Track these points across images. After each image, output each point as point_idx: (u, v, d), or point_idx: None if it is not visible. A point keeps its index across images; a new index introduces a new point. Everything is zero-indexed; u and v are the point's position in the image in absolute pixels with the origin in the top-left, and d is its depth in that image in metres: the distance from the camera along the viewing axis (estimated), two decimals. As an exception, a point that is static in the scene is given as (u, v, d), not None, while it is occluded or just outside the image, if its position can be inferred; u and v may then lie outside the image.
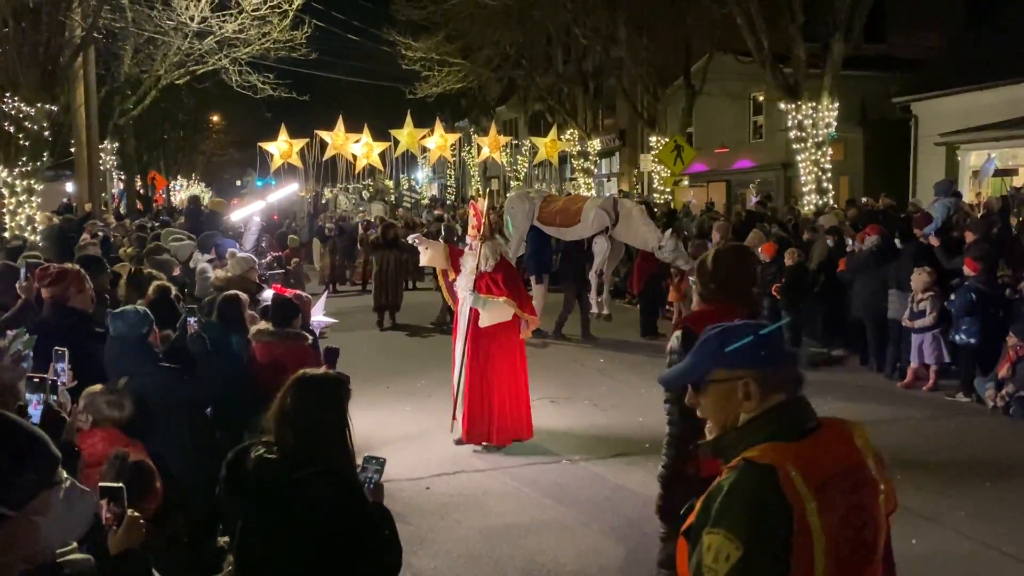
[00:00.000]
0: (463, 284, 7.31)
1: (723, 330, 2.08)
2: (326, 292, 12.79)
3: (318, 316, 8.11)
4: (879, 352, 9.93)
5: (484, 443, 7.21)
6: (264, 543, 2.76)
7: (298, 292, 7.04)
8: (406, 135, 24.90)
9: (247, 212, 12.90)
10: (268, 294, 7.48)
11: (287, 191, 17.74)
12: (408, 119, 24.96)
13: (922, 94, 20.29)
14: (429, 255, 7.77)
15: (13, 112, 12.45)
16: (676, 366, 2.31)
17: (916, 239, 10.11)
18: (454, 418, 7.37)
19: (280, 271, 11.23)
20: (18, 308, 5.40)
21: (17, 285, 5.51)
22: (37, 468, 1.56)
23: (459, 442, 7.26)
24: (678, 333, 3.72)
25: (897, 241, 10.30)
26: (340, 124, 23.86)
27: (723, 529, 1.81)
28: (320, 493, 2.68)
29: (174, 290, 5.72)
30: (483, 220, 7.31)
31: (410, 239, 8.06)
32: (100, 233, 12.07)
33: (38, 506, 1.53)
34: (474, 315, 7.18)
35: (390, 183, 35.08)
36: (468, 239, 7.58)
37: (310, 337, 5.92)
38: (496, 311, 7.10)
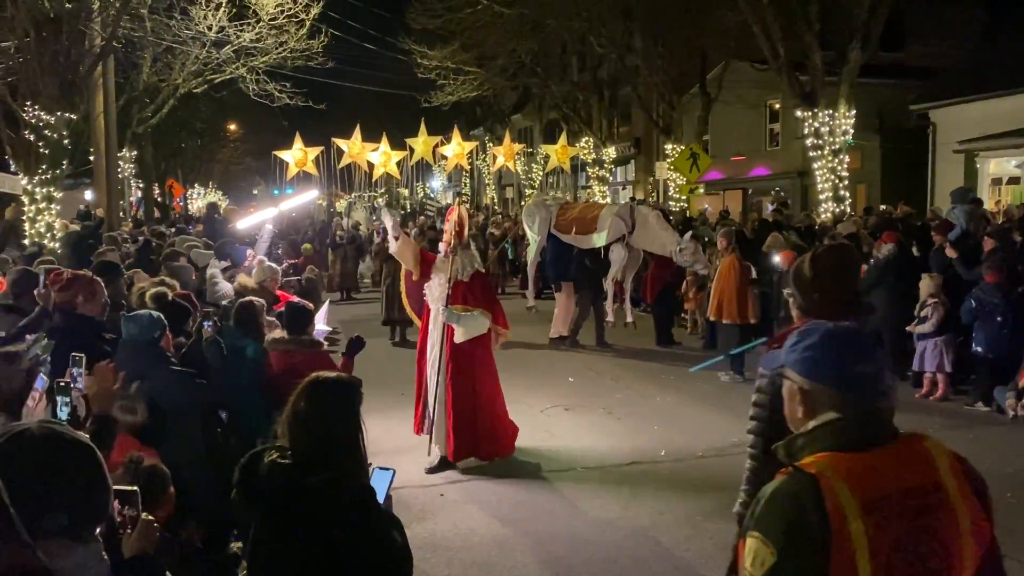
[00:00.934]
0: (435, 295, 6.93)
1: (804, 329, 2.00)
2: (328, 302, 12.80)
3: (320, 325, 8.13)
4: (897, 362, 9.83)
5: (472, 458, 6.89)
6: (277, 549, 2.75)
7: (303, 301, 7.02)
8: (421, 143, 24.97)
9: (255, 220, 12.92)
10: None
11: (303, 198, 17.79)
12: (422, 127, 25.04)
13: (940, 102, 20.17)
14: (399, 248, 7.17)
15: (34, 120, 12.59)
16: (778, 349, 2.15)
17: (937, 248, 9.99)
18: (432, 439, 6.89)
19: (296, 278, 11.26)
20: (36, 314, 5.44)
21: (36, 292, 5.55)
22: (71, 512, 1.54)
23: (444, 462, 6.84)
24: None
25: (915, 249, 10.21)
26: (357, 133, 23.97)
27: (760, 532, 1.79)
28: (333, 499, 2.67)
29: (170, 295, 5.72)
30: (460, 228, 6.94)
31: (388, 226, 7.38)
32: (140, 239, 12.19)
33: (55, 549, 1.50)
34: (450, 332, 6.80)
35: (405, 191, 35.20)
36: (441, 247, 7.13)
37: (325, 344, 5.93)
38: (472, 325, 6.75)
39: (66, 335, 4.70)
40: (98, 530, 1.60)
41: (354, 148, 23.92)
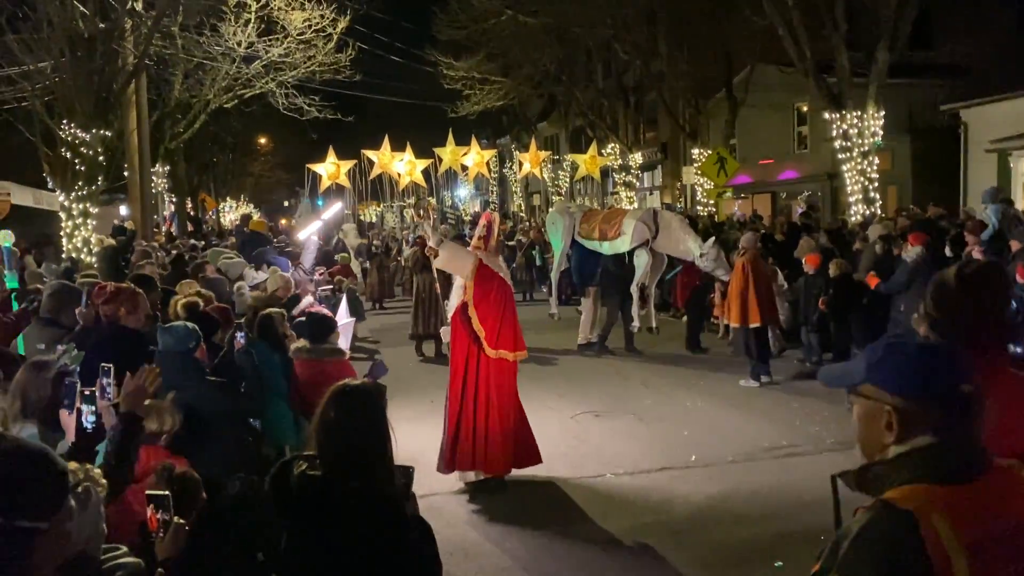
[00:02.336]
0: (452, 303, 6.80)
1: (891, 344, 1.77)
2: (349, 320, 12.86)
3: (343, 321, 8.22)
4: None
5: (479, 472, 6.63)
6: (307, 558, 2.80)
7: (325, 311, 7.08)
8: (448, 153, 25.15)
9: (310, 230, 13.06)
10: (303, 304, 7.60)
11: (334, 209, 18.01)
12: (450, 137, 25.21)
13: (971, 100, 19.88)
14: (447, 259, 6.78)
15: (70, 138, 12.88)
16: (842, 363, 1.98)
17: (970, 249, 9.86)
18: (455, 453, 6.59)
19: (330, 288, 11.38)
20: (77, 333, 5.54)
21: (77, 312, 5.64)
22: (54, 479, 1.62)
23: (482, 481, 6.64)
24: None
25: (948, 250, 10.06)
26: (386, 143, 24.21)
27: None
28: (363, 508, 2.71)
29: (202, 304, 5.83)
30: (488, 234, 6.83)
31: (428, 235, 7.18)
32: (173, 252, 12.41)
33: (64, 515, 1.59)
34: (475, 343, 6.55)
35: (433, 200, 35.39)
36: (481, 253, 6.87)
37: (348, 353, 6.00)
38: (455, 255, 6.72)
39: (107, 347, 4.81)
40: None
41: (384, 158, 24.16)
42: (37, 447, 1.63)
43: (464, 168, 26.92)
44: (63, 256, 12.74)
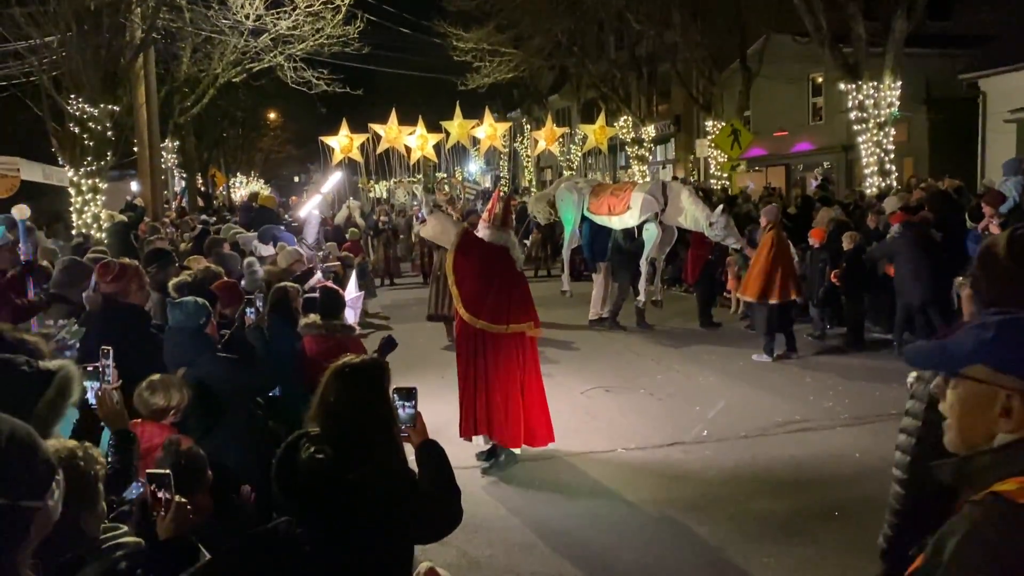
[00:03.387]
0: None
1: (1008, 320, 1.59)
2: (359, 294, 12.77)
3: (352, 295, 8.16)
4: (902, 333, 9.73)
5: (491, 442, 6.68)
6: (316, 536, 2.76)
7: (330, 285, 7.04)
8: (456, 126, 24.98)
9: (310, 205, 12.99)
10: (312, 281, 7.55)
11: (334, 180, 17.67)
12: (458, 110, 25.01)
13: (990, 70, 19.54)
14: (432, 226, 6.93)
15: (78, 113, 12.82)
16: (934, 342, 1.78)
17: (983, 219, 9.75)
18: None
19: (337, 264, 11.33)
20: (84, 317, 5.51)
21: (84, 296, 5.61)
22: (43, 457, 1.61)
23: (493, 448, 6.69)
24: None
25: (969, 223, 10.01)
26: (393, 117, 24.03)
27: None
28: (372, 492, 2.67)
29: (189, 280, 5.79)
30: (491, 210, 6.83)
31: (421, 208, 7.48)
32: (198, 227, 12.41)
33: (51, 491, 1.60)
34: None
35: (442, 175, 35.24)
36: (481, 224, 6.92)
37: (358, 329, 5.96)
38: (437, 230, 6.69)
39: (111, 324, 4.78)
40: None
41: (391, 133, 24.03)
42: (23, 427, 1.61)
43: (476, 141, 26.74)
44: (73, 232, 12.73)
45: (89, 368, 2.98)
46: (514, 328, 6.50)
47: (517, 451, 6.70)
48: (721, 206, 11.41)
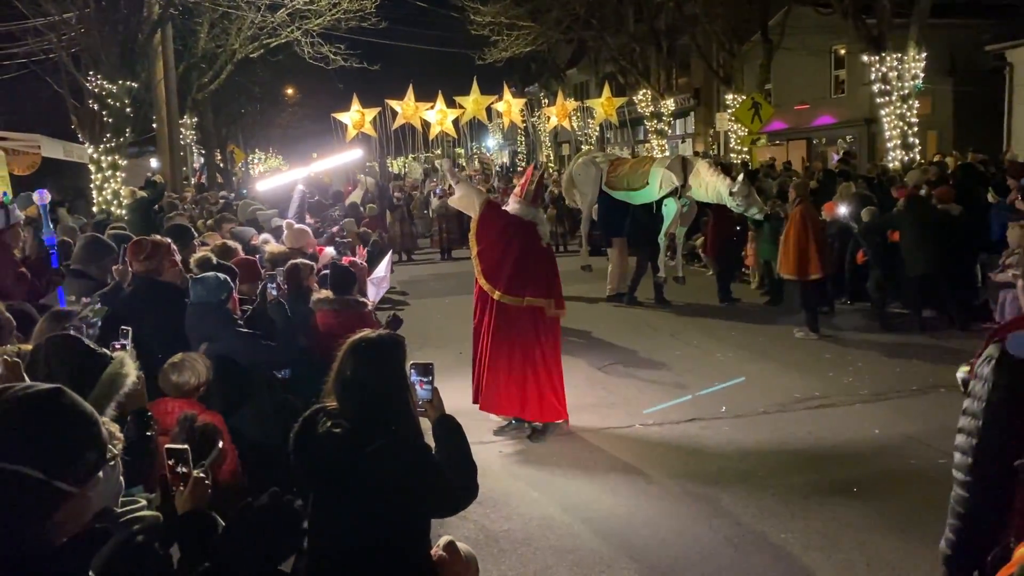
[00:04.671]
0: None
1: None
2: (391, 253, 12.67)
3: (380, 275, 8.12)
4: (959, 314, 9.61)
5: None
6: (335, 508, 2.79)
7: (353, 260, 7.06)
8: (471, 102, 24.83)
9: (279, 182, 12.71)
10: (326, 256, 7.56)
11: (335, 161, 17.53)
12: (474, 85, 24.82)
13: (1017, 41, 19.15)
14: (460, 196, 6.96)
15: (96, 90, 12.86)
16: None
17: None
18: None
19: (346, 240, 11.32)
20: (111, 288, 5.54)
21: (114, 268, 5.63)
22: (97, 447, 1.62)
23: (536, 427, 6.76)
24: (991, 351, 2.31)
25: (990, 196, 9.88)
26: (410, 93, 23.92)
27: None
28: (390, 464, 2.69)
29: (214, 259, 5.79)
30: (524, 185, 6.82)
31: (445, 171, 7.51)
32: (222, 201, 12.36)
33: (94, 482, 1.61)
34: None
35: (460, 151, 35.11)
36: (512, 199, 6.95)
37: (369, 303, 5.98)
38: (464, 198, 6.78)
39: (149, 303, 4.80)
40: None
41: (408, 109, 23.92)
42: (89, 409, 1.61)
43: (495, 116, 26.54)
44: (94, 209, 12.82)
45: (116, 347, 3.00)
46: (530, 302, 6.48)
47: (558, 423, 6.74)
48: (741, 175, 11.26)
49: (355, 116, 23.48)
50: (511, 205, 6.81)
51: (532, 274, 6.56)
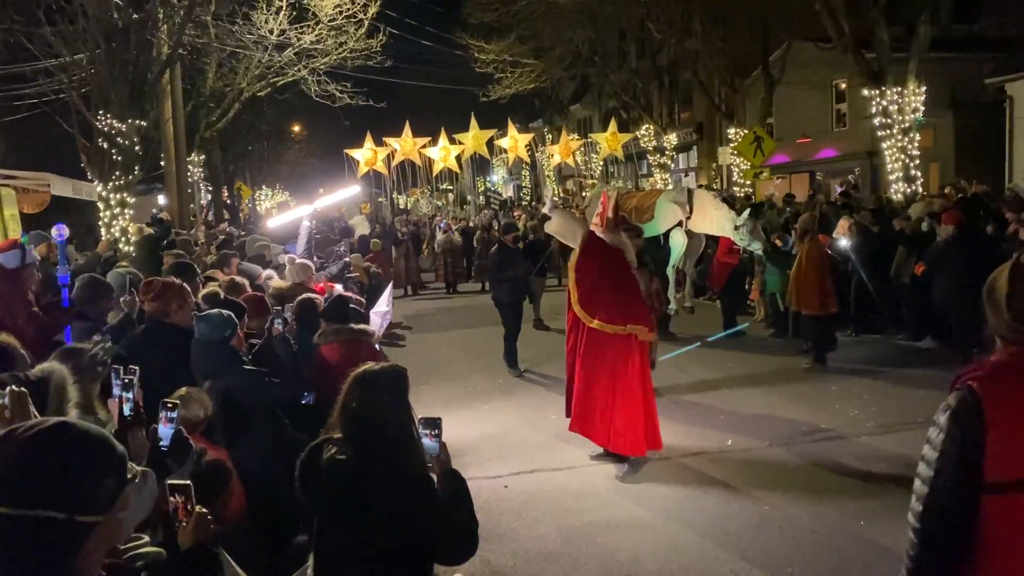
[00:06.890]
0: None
1: None
2: (391, 286, 12.71)
3: (383, 308, 8.15)
4: (965, 346, 9.51)
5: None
6: (340, 539, 2.81)
7: (353, 296, 7.08)
8: (471, 138, 25.11)
9: (289, 218, 12.84)
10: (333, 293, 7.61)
11: (338, 196, 17.69)
12: (473, 121, 25.13)
13: (1017, 74, 19.29)
14: (558, 224, 7.17)
15: (106, 129, 13.03)
16: None
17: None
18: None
19: (353, 276, 11.37)
20: (120, 320, 5.57)
21: (122, 300, 5.66)
22: (114, 471, 1.60)
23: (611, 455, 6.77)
24: (951, 400, 2.20)
25: (990, 228, 9.85)
26: (407, 129, 24.24)
27: None
28: (393, 493, 2.71)
29: (222, 295, 5.84)
30: (604, 212, 6.95)
31: (546, 204, 7.62)
32: (220, 237, 12.43)
33: (120, 505, 1.59)
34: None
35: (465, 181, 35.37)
36: (594, 226, 7.10)
37: (373, 333, 6.01)
38: (564, 227, 6.84)
39: (156, 345, 4.83)
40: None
41: (406, 145, 24.21)
42: (101, 434, 1.61)
43: (501, 151, 26.80)
44: (98, 249, 12.88)
45: (126, 379, 3.03)
46: (631, 329, 6.57)
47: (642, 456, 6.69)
48: (748, 210, 11.34)
49: (367, 154, 23.81)
50: (598, 233, 6.93)
51: (628, 301, 6.68)
